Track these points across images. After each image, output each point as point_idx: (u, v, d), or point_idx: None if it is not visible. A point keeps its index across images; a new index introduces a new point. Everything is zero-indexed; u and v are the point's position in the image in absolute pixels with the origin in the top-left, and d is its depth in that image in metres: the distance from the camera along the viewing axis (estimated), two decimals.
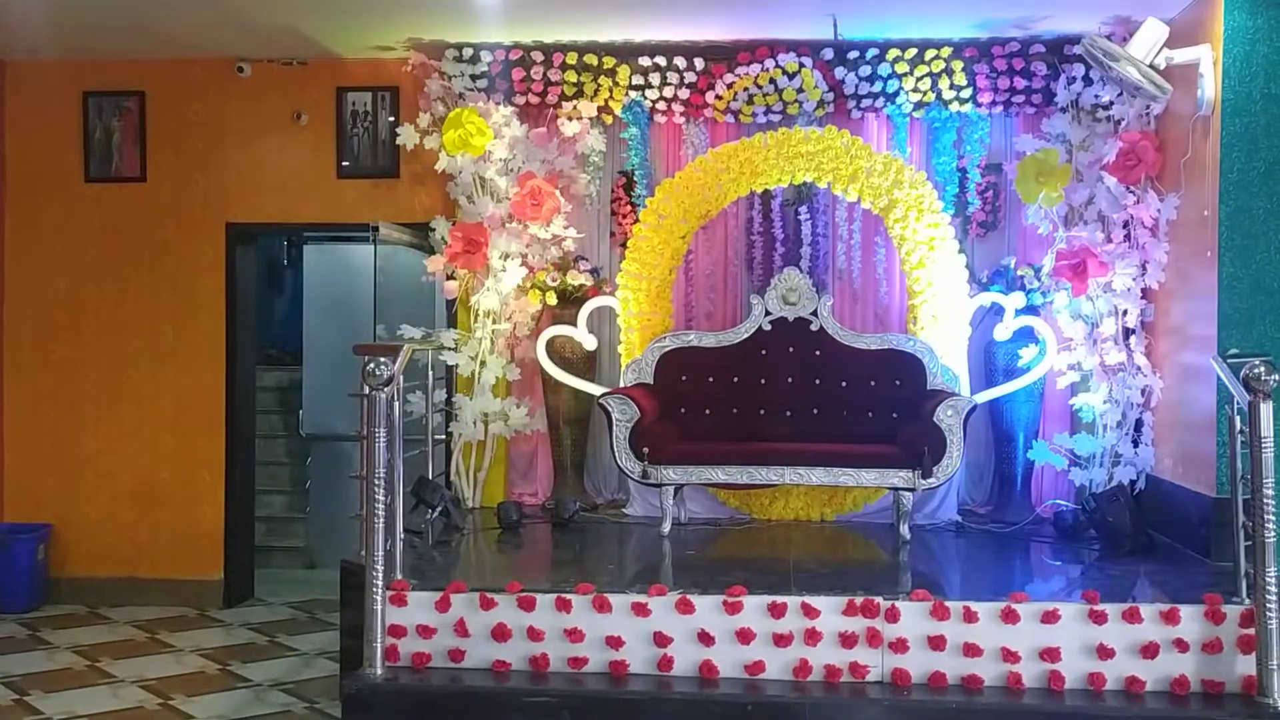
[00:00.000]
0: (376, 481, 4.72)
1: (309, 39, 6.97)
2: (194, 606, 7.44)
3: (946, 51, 6.75)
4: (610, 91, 6.97)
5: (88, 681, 6.07)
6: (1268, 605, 4.49)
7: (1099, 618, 4.66)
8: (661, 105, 7.00)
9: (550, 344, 6.82)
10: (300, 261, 9.28)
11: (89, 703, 5.73)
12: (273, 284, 10.87)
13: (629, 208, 7.03)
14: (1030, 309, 6.59)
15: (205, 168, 7.52)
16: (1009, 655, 4.65)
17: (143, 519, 7.55)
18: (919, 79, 6.78)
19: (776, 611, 4.70)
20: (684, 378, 6.65)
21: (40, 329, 7.60)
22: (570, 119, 6.96)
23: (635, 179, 7.03)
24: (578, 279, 6.85)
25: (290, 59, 7.39)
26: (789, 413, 6.60)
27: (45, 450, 7.60)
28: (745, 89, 6.88)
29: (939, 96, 6.81)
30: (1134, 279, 6.32)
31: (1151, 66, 5.74)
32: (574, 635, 4.75)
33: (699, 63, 6.91)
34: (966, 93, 6.79)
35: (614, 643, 4.74)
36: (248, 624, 7.19)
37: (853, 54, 6.79)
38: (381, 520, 4.70)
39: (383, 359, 4.82)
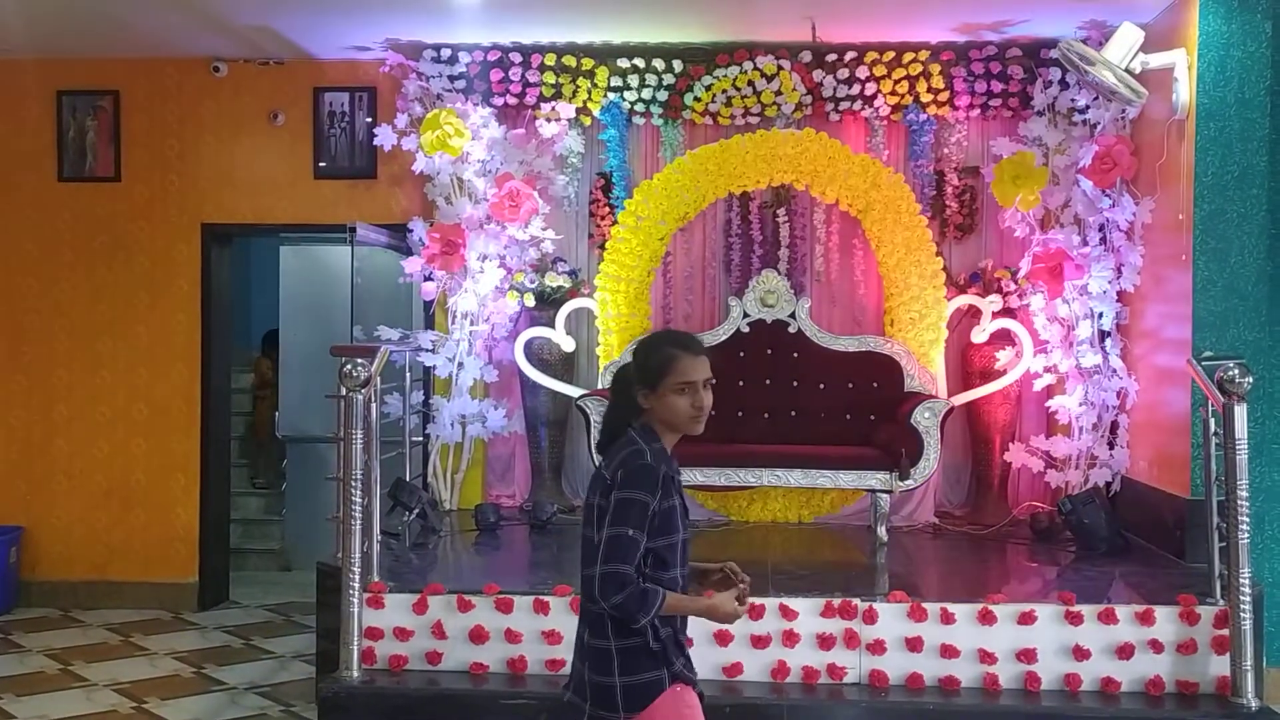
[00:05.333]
0: (353, 483, 4.71)
1: (286, 39, 6.93)
2: (168, 609, 7.38)
3: (924, 54, 6.77)
4: (588, 93, 6.96)
5: (60, 685, 6.01)
6: (1241, 606, 4.53)
7: (1075, 619, 4.69)
8: (640, 107, 6.99)
9: (528, 345, 6.81)
10: None
11: (62, 706, 5.67)
12: None
13: (607, 209, 7.02)
14: (1007, 311, 6.62)
15: (180, 168, 7.47)
16: (986, 656, 4.67)
17: (116, 521, 7.48)
18: (896, 82, 6.80)
19: (754, 613, 4.71)
20: None
21: (12, 330, 7.52)
22: (548, 120, 6.95)
23: (613, 180, 7.02)
24: (556, 280, 6.84)
25: (267, 59, 7.34)
26: (767, 414, 6.61)
27: (16, 452, 7.52)
28: (723, 91, 6.88)
29: (916, 99, 6.84)
30: (1109, 282, 6.35)
31: (1127, 71, 5.78)
32: (551, 637, 4.74)
33: (677, 65, 6.90)
34: (944, 96, 6.82)
35: None
36: (223, 627, 7.13)
37: (831, 57, 6.81)
38: (358, 522, 4.68)
39: (360, 360, 4.80)
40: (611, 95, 6.96)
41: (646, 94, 6.94)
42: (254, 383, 9.98)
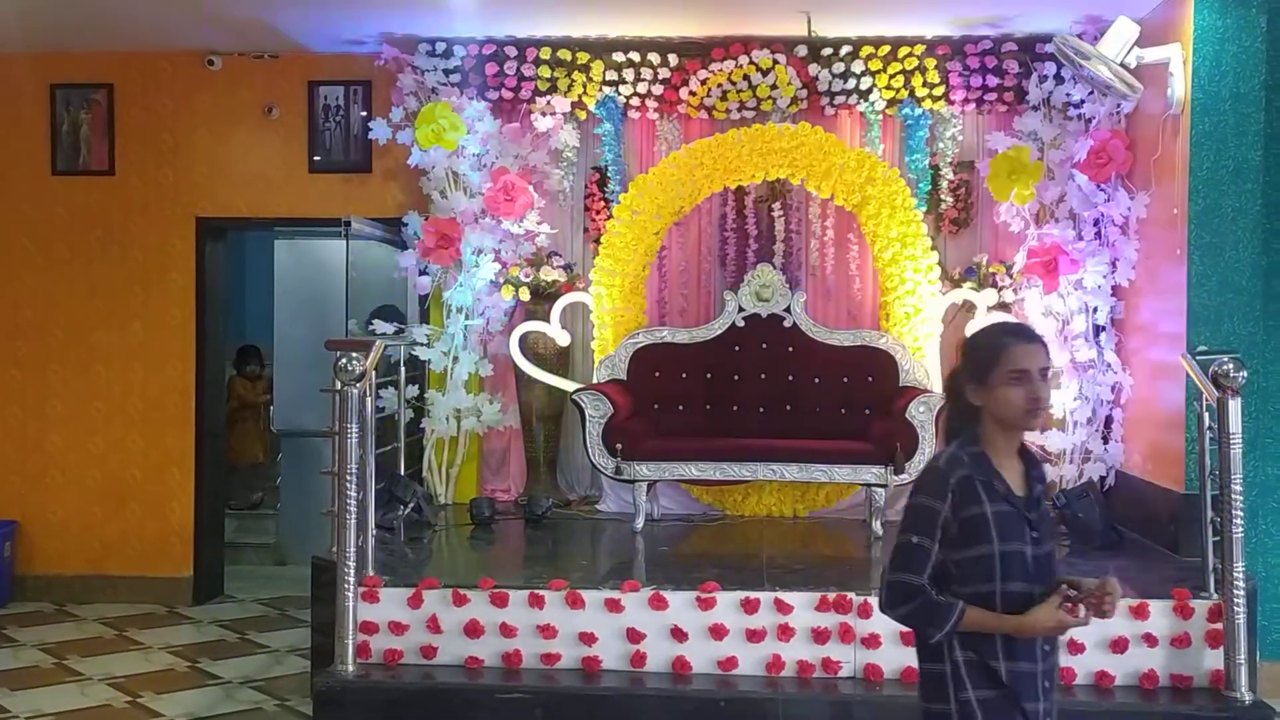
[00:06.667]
0: (348, 477, 4.70)
1: (280, 32, 6.91)
2: (163, 604, 7.37)
3: (919, 49, 6.77)
4: (584, 87, 6.95)
5: (55, 679, 6.00)
6: (1235, 600, 4.54)
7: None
8: (635, 101, 6.98)
9: (523, 340, 6.80)
10: None
11: (56, 701, 5.67)
12: None
13: (602, 203, 7.01)
14: (1002, 306, 6.62)
15: (175, 161, 7.45)
16: None
17: (111, 516, 7.47)
18: (892, 76, 6.80)
19: (749, 607, 4.71)
20: (657, 374, 6.65)
21: (6, 324, 7.50)
22: (544, 114, 6.94)
23: (609, 175, 7.01)
24: (551, 275, 6.83)
25: (261, 52, 7.32)
26: (762, 409, 6.61)
27: (10, 447, 7.50)
28: (719, 85, 6.88)
29: (912, 94, 6.83)
30: (1104, 276, 6.36)
31: (1122, 65, 5.78)
32: (547, 631, 4.75)
33: (673, 59, 6.90)
34: (939, 90, 6.82)
35: (587, 639, 4.74)
36: (218, 621, 7.13)
37: (826, 51, 6.80)
38: (353, 516, 4.68)
39: (355, 354, 4.79)
40: (607, 89, 6.95)
41: (642, 88, 6.93)
42: (230, 404, 9.18)
